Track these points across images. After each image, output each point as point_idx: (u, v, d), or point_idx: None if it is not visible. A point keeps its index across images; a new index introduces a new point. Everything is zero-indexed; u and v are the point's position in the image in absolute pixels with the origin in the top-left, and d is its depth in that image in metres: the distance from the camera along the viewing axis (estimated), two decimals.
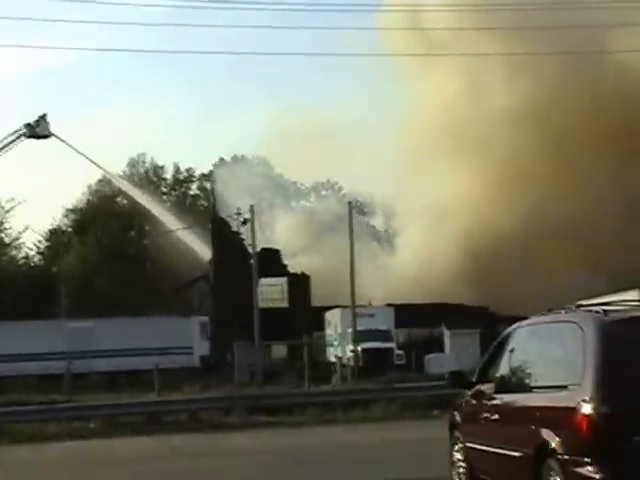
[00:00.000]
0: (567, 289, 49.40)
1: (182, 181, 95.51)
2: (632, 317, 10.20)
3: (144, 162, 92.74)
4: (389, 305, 54.48)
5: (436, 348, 49.55)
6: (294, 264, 60.99)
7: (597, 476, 9.08)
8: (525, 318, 12.38)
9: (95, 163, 76.76)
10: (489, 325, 44.30)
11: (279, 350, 51.86)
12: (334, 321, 53.57)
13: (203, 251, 67.98)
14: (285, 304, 51.67)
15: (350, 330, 47.82)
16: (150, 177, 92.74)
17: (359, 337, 47.32)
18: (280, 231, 69.91)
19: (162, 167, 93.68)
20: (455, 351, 46.12)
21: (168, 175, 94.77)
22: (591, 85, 59.76)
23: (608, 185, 60.32)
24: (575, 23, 54.76)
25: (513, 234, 61.09)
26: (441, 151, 68.36)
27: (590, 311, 10.49)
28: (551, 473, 9.69)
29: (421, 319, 53.97)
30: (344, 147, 78.96)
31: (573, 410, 9.34)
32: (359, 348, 47.13)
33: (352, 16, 70.43)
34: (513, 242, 61.38)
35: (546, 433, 9.82)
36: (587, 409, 9.17)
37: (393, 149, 75.77)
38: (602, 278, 53.54)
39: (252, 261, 48.29)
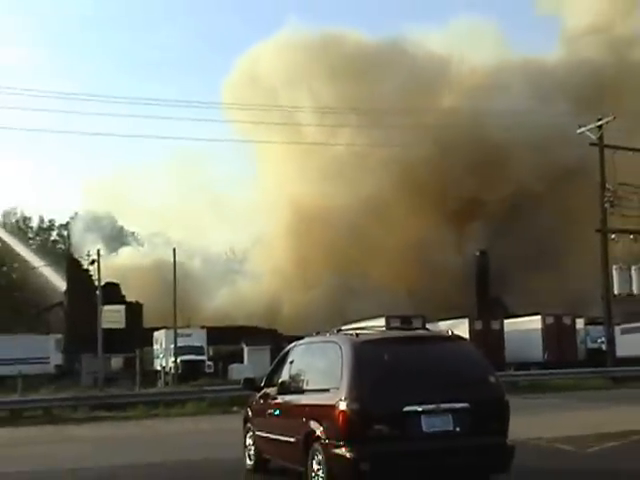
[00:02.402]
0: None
1: (45, 229, 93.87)
2: (376, 339, 10.62)
3: (15, 214, 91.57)
4: (203, 327, 54.21)
5: (238, 360, 49.46)
6: (131, 294, 59.73)
7: (348, 455, 9.34)
8: (302, 338, 12.55)
9: None
10: (277, 343, 44.51)
11: (117, 361, 50.59)
12: (160, 339, 52.86)
13: (59, 283, 66.33)
14: (123, 325, 50.43)
15: (172, 346, 47.43)
16: (20, 226, 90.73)
17: (179, 351, 47.00)
18: (121, 269, 68.53)
19: (29, 218, 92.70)
20: (252, 362, 46.11)
21: (34, 224, 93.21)
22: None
23: None
24: None
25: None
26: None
27: (346, 334, 10.80)
28: (316, 453, 9.89)
29: (228, 338, 53.89)
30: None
31: (333, 407, 9.55)
32: (178, 360, 46.79)
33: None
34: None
35: (313, 424, 10.00)
36: (343, 406, 9.42)
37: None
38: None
39: (98, 292, 47.42)
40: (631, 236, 39.77)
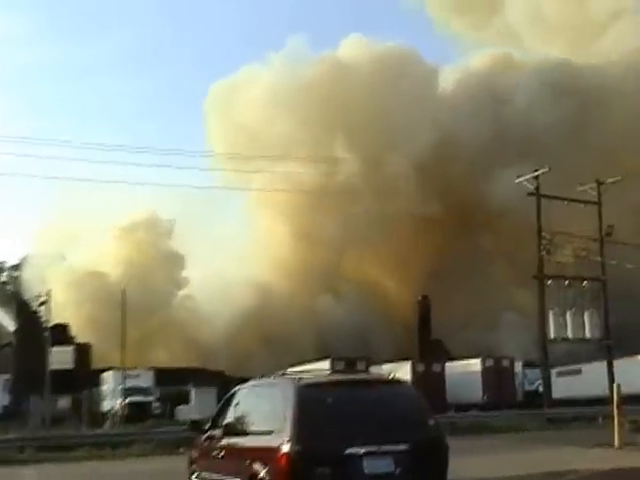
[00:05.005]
0: None
1: None
2: (318, 382, 10.39)
3: None
4: (151, 368, 53.42)
5: (185, 401, 48.76)
6: (81, 335, 58.48)
7: None
8: (248, 380, 12.41)
9: None
10: (224, 384, 44.05)
11: (65, 402, 49.54)
12: (108, 380, 51.95)
13: (8, 324, 65.17)
14: (71, 366, 49.83)
15: (120, 387, 46.75)
16: None
17: (126, 392, 46.37)
18: (71, 309, 66.92)
19: None
20: (198, 404, 45.51)
21: None
22: None
23: None
24: None
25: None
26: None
27: (289, 377, 10.64)
28: None
29: (176, 379, 53.06)
30: None
31: (276, 449, 9.35)
32: (126, 401, 46.11)
33: None
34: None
35: (257, 466, 9.76)
36: (285, 448, 9.23)
37: None
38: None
39: (46, 333, 46.79)
40: (566, 282, 40.15)
